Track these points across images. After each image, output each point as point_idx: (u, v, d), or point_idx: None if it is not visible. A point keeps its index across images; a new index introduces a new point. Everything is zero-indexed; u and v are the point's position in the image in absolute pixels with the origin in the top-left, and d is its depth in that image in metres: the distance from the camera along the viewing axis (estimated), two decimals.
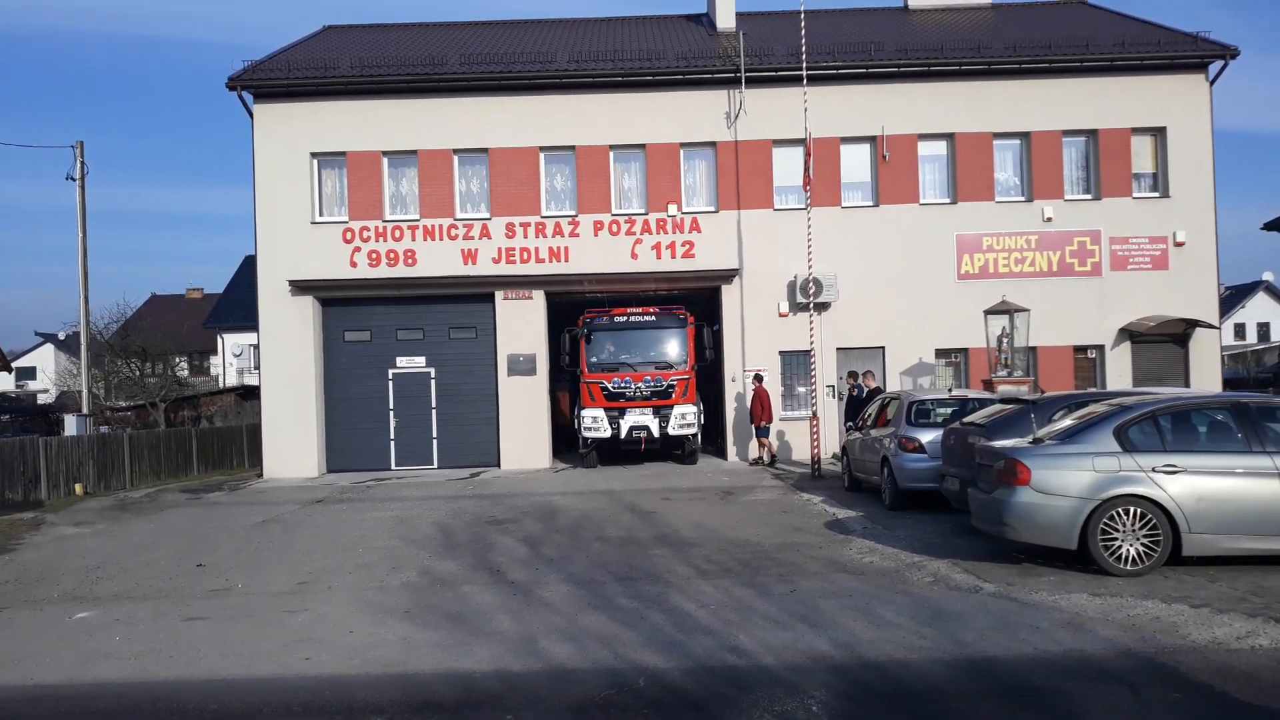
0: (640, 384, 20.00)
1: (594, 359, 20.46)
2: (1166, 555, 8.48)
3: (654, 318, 20.65)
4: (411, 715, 5.76)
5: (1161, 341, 21.70)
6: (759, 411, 20.26)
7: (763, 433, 20.48)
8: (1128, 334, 21.60)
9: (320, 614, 8.50)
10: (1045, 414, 10.74)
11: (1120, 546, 8.52)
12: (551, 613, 8.18)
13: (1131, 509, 8.50)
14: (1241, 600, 7.64)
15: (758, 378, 20.69)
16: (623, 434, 19.88)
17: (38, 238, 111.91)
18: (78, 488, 20.17)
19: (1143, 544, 8.50)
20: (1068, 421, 9.66)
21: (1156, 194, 21.98)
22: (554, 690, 6.16)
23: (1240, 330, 59.03)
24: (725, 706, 5.71)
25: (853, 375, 19.83)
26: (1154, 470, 8.54)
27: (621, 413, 19.96)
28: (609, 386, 20.03)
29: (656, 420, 19.84)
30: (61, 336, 59.54)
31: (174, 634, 8.03)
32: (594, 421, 19.97)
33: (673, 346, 20.46)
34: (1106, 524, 8.52)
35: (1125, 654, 6.40)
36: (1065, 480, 8.66)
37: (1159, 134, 21.91)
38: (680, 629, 7.45)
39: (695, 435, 20.33)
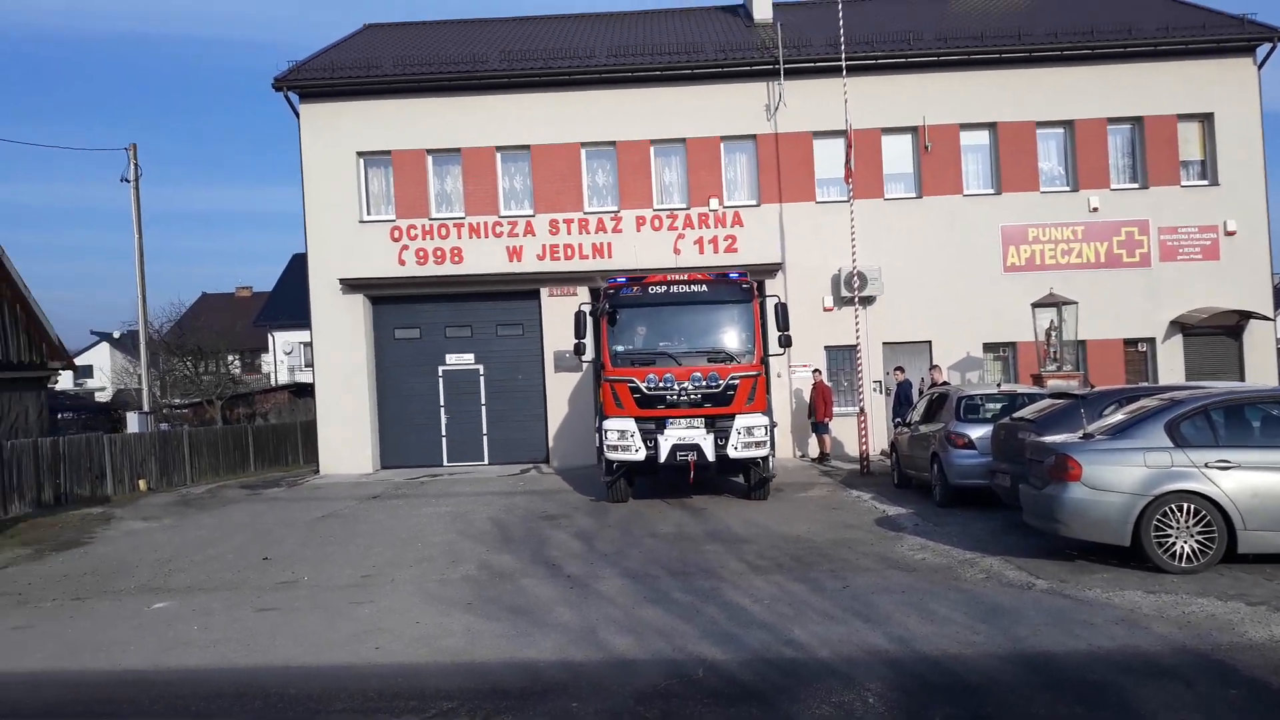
0: (687, 383, 14.24)
1: (620, 347, 14.85)
2: (1222, 553, 8.48)
3: (706, 288, 15.03)
4: (481, 702, 5.99)
5: (1214, 334, 21.44)
6: (820, 407, 20.04)
7: (822, 429, 20.26)
8: (1179, 326, 21.35)
9: (386, 606, 8.80)
10: (1096, 409, 10.74)
11: (1174, 543, 8.54)
12: (609, 605, 8.41)
13: (1185, 505, 8.51)
14: None
15: (816, 372, 20.63)
16: (663, 455, 14.19)
17: (90, 237, 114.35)
18: (141, 483, 20.77)
19: (1197, 541, 8.51)
20: (1119, 416, 9.69)
21: (1205, 182, 21.73)
22: (616, 679, 6.37)
23: None
24: (784, 697, 5.89)
25: (900, 369, 19.76)
26: (1207, 466, 8.54)
27: (660, 425, 14.35)
28: (643, 387, 14.35)
29: (711, 436, 14.20)
30: (117, 335, 60.76)
31: (248, 624, 8.37)
32: (621, 437, 14.32)
33: (734, 329, 14.83)
34: (1160, 520, 8.55)
35: (1180, 650, 6.48)
36: (1117, 476, 8.69)
37: (1206, 120, 21.65)
38: (736, 622, 7.64)
39: (767, 459, 14.65)
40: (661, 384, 14.34)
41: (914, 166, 22.04)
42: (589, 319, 15.31)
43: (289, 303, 45.49)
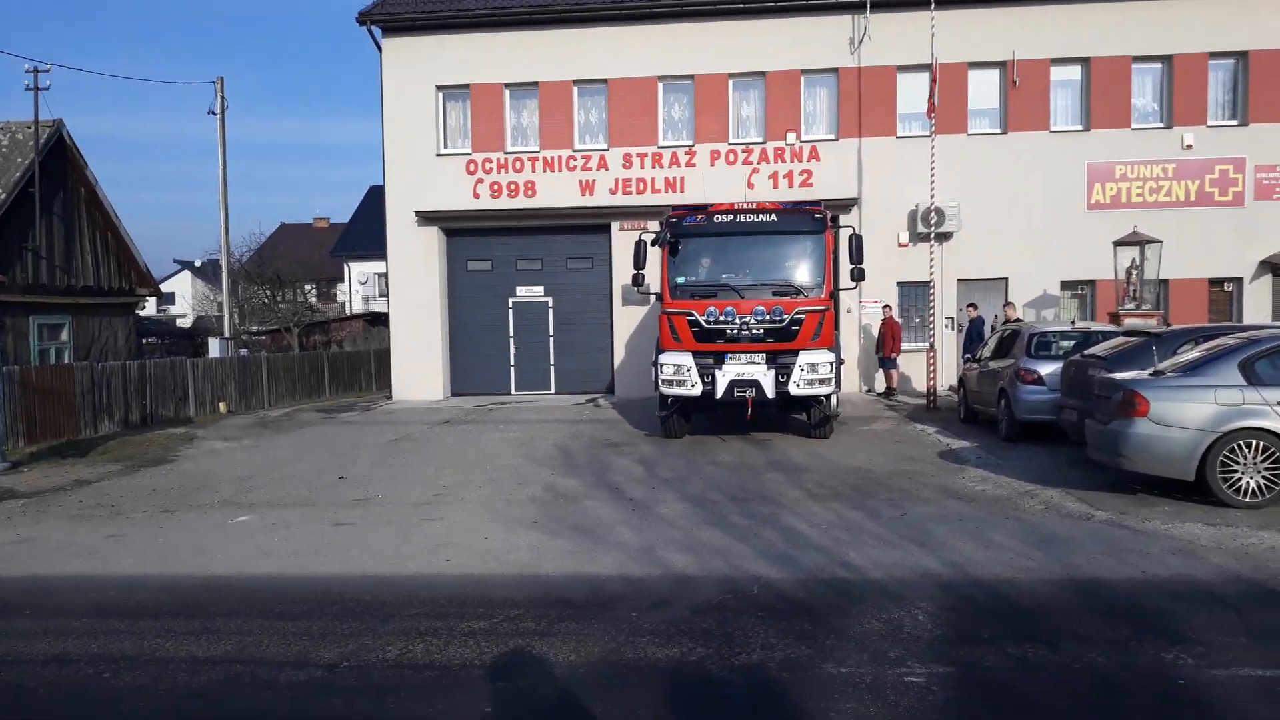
0: (748, 317, 13.67)
1: (680, 279, 14.32)
2: None
3: (775, 218, 14.28)
4: (545, 610, 6.28)
5: None
6: (889, 343, 19.97)
7: (889, 364, 20.21)
8: (1269, 267, 20.62)
9: (456, 522, 9.16)
10: (1170, 347, 10.58)
11: (1240, 479, 8.48)
12: (669, 527, 8.65)
13: (1254, 442, 8.44)
14: None
15: (886, 308, 20.50)
16: (719, 391, 13.68)
17: (173, 168, 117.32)
18: (221, 406, 21.60)
19: (1264, 477, 8.45)
20: (1192, 354, 9.54)
21: None
22: (674, 593, 6.61)
23: None
24: (835, 613, 6.06)
25: (973, 306, 19.48)
26: (1279, 404, 8.42)
27: (719, 360, 13.80)
28: (702, 320, 13.79)
29: (772, 372, 13.61)
30: (198, 263, 62.58)
31: (326, 537, 8.79)
32: (676, 372, 13.87)
33: (802, 261, 14.09)
34: (1226, 456, 8.49)
35: (1235, 580, 6.48)
36: (1185, 412, 8.61)
37: None
38: (792, 545, 7.81)
39: (830, 396, 14.20)
40: (722, 317, 13.77)
41: (1000, 102, 21.44)
42: (648, 248, 14.79)
43: (365, 234, 46.18)
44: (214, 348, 26.01)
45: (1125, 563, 6.95)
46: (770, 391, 13.60)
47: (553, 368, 23.16)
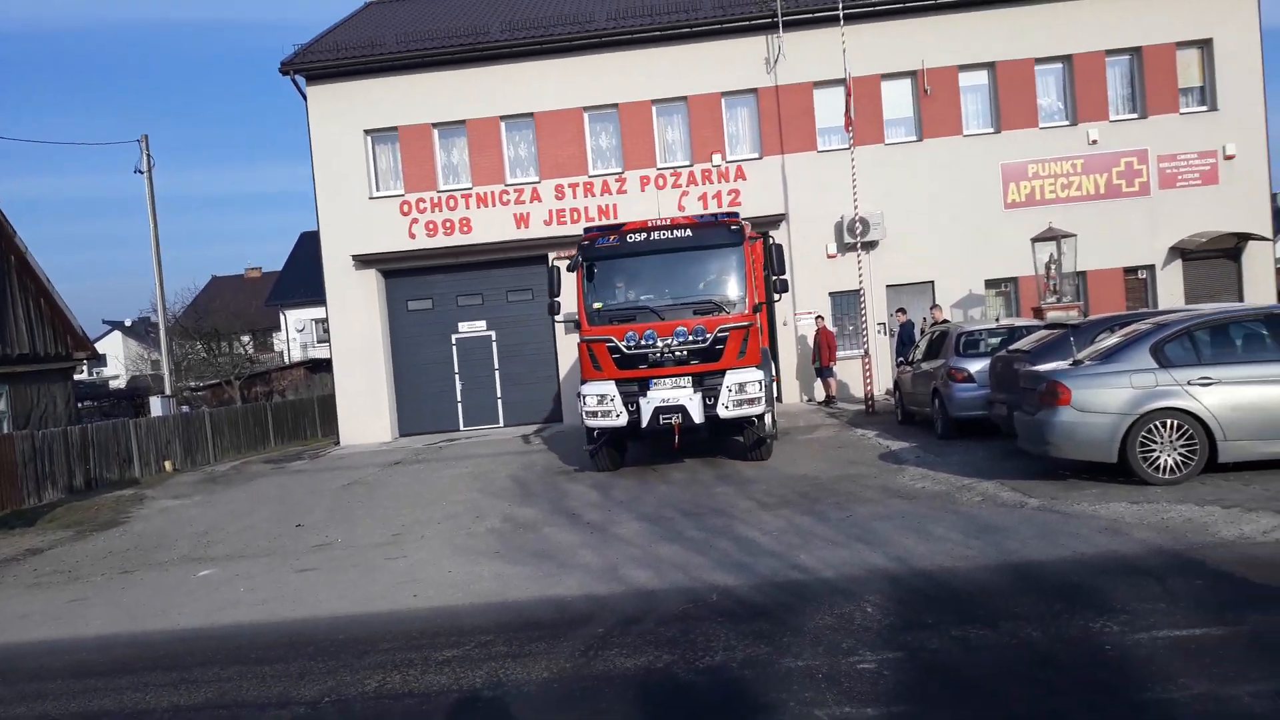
0: (670, 339, 12.94)
1: (597, 304, 13.59)
2: (1203, 463, 8.96)
3: (691, 233, 13.52)
4: (515, 634, 6.52)
5: (1213, 257, 21.66)
6: (824, 352, 20.43)
7: (826, 373, 20.68)
8: (1178, 252, 21.59)
9: (419, 559, 9.34)
10: (1088, 337, 11.17)
11: (1158, 457, 9.03)
12: (628, 546, 8.94)
13: (1169, 421, 8.98)
14: (1272, 500, 8.13)
15: (819, 319, 20.99)
16: (644, 420, 13.00)
17: (98, 227, 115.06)
18: (167, 464, 21.38)
19: (1180, 454, 9.00)
20: (1107, 342, 10.12)
21: (1204, 108, 21.77)
22: (638, 608, 6.89)
23: None
24: (790, 612, 6.40)
25: (902, 311, 20.11)
26: (1190, 384, 8.99)
27: (642, 386, 13.11)
28: (621, 346, 13.08)
29: (699, 395, 12.92)
30: (128, 323, 61.47)
31: (291, 583, 8.92)
32: (600, 403, 13.13)
33: (723, 276, 13.50)
34: (1145, 437, 9.02)
35: (1157, 552, 6.97)
36: (1104, 398, 9.15)
37: (1205, 46, 21.64)
38: (746, 553, 8.15)
39: (764, 416, 13.47)
40: (643, 341, 13.02)
41: (914, 110, 22.19)
42: (562, 274, 14.24)
43: (299, 281, 45.89)
44: (156, 406, 25.73)
45: (1057, 544, 7.41)
46: (698, 416, 12.92)
47: (500, 401, 23.31)
